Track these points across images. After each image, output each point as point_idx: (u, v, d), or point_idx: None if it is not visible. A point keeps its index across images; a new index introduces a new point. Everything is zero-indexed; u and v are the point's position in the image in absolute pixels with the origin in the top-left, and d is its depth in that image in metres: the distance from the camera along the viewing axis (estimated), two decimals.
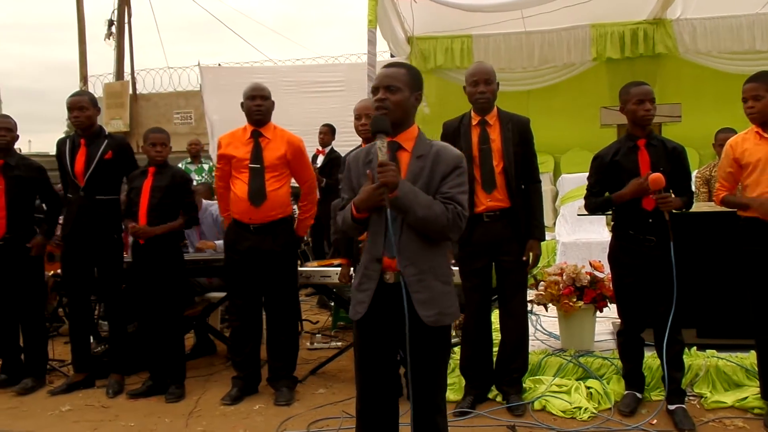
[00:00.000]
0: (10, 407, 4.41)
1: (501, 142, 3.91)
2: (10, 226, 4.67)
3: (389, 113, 2.55)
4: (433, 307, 2.52)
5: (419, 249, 2.53)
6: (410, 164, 2.57)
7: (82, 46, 13.89)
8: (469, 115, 4.00)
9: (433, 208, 2.47)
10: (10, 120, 4.80)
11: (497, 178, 3.90)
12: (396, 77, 2.58)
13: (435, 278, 2.55)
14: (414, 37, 8.89)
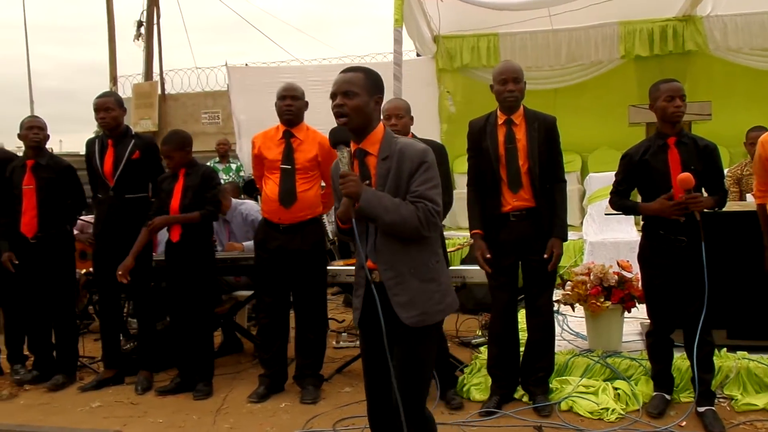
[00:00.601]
0: (42, 403, 4.48)
1: (527, 142, 3.88)
2: (41, 225, 4.74)
3: (349, 119, 2.52)
4: (414, 308, 2.49)
5: (395, 251, 2.51)
6: (377, 167, 2.54)
7: (111, 47, 14.06)
8: (495, 114, 3.97)
9: (400, 211, 2.43)
10: (41, 120, 4.88)
11: (523, 178, 3.88)
12: (353, 82, 2.54)
13: (415, 278, 2.52)
14: (440, 35, 8.87)
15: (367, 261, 2.56)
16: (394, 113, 4.13)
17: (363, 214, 2.43)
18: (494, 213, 3.94)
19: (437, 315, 2.56)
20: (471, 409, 4.01)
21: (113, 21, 14.06)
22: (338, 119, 2.54)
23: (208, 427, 3.92)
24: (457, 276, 4.43)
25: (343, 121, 2.52)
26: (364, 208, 2.41)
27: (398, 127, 4.10)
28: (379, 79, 2.65)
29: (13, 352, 5.05)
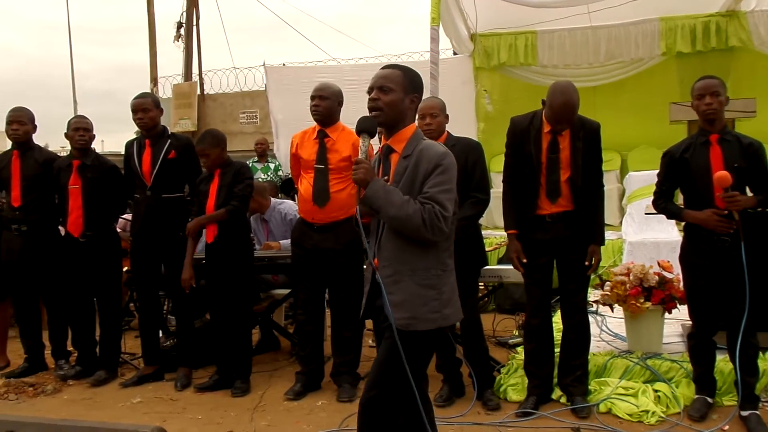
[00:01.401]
0: (85, 398, 4.58)
1: (570, 152, 3.84)
2: (87, 224, 4.84)
3: (382, 114, 2.55)
4: (405, 310, 2.47)
5: (398, 250, 2.51)
6: (397, 165, 2.56)
7: (152, 49, 14.25)
8: (541, 119, 3.90)
9: (405, 208, 2.43)
10: (87, 121, 4.97)
11: (562, 187, 3.85)
12: (390, 78, 2.57)
13: (412, 280, 2.50)
14: (477, 34, 8.82)
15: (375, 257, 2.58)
16: (428, 112, 4.11)
17: (367, 203, 2.46)
18: (530, 215, 3.92)
19: (428, 323, 2.50)
20: (508, 410, 3.99)
21: (154, 23, 14.25)
22: (371, 113, 2.57)
23: (246, 424, 3.96)
24: (493, 275, 4.41)
25: (375, 114, 2.56)
26: (370, 197, 2.44)
27: (433, 126, 4.08)
28: (418, 79, 2.66)
29: (57, 348, 5.16)
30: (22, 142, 5.03)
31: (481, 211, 4.15)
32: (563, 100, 3.74)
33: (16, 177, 4.98)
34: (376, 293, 2.60)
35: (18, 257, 4.98)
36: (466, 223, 4.04)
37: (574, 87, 3.83)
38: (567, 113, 3.76)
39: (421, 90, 2.67)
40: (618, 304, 4.32)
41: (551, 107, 3.78)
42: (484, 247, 4.34)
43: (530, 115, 3.98)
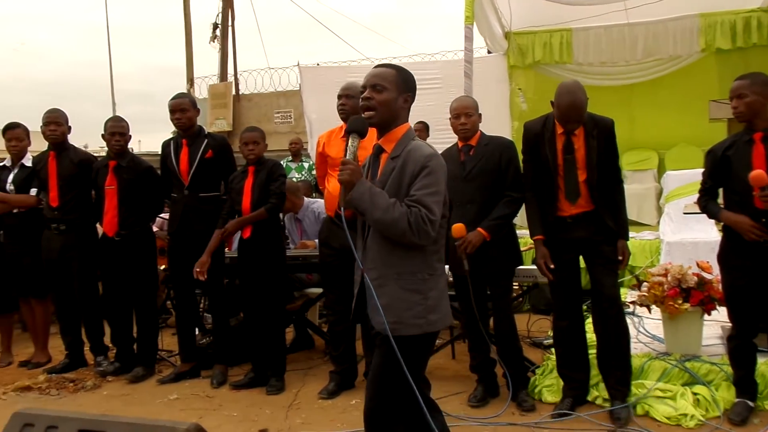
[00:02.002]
0: (123, 394, 4.65)
1: (585, 152, 3.81)
2: (121, 224, 4.92)
3: (375, 113, 2.52)
4: (390, 314, 2.41)
5: (384, 253, 2.47)
6: (385, 165, 2.53)
7: (188, 50, 14.43)
8: (553, 122, 3.87)
9: (391, 211, 2.39)
10: (123, 124, 5.04)
11: (581, 187, 3.82)
12: (383, 77, 2.54)
13: (397, 284, 2.46)
14: (511, 32, 8.75)
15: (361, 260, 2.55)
16: (463, 111, 4.10)
17: (352, 204, 2.42)
18: (552, 217, 3.90)
19: (413, 328, 2.46)
20: (543, 411, 3.96)
21: (190, 24, 14.43)
22: (364, 112, 2.54)
23: (281, 421, 3.99)
24: (528, 275, 4.38)
25: (369, 114, 2.53)
26: (355, 199, 2.41)
27: (468, 125, 4.07)
28: (411, 78, 2.62)
29: (95, 344, 5.25)
30: (59, 142, 5.14)
31: (515, 209, 4.12)
32: (570, 100, 3.71)
33: (53, 177, 5.08)
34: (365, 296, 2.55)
35: (58, 256, 5.08)
36: (500, 222, 4.02)
37: (581, 86, 3.81)
38: (575, 112, 3.73)
39: (414, 89, 2.62)
40: (655, 305, 4.26)
41: (559, 107, 3.76)
42: (519, 246, 4.31)
43: (542, 118, 3.95)
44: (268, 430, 3.87)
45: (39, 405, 4.34)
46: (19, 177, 5.30)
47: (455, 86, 6.92)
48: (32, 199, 5.24)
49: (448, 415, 3.86)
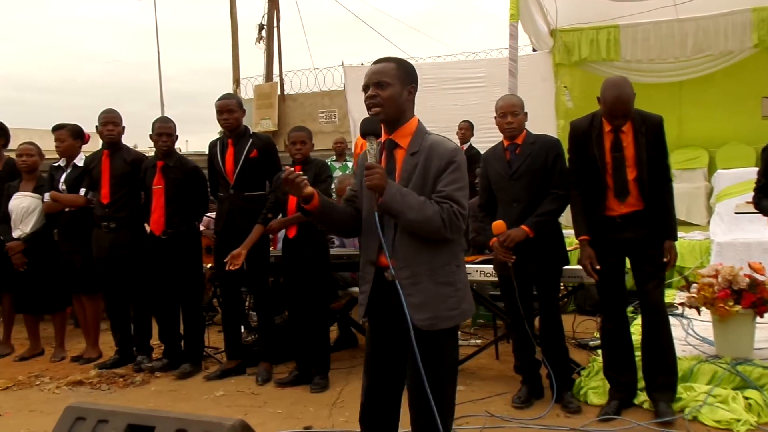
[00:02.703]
0: (171, 390, 4.74)
1: (634, 149, 3.73)
2: (169, 222, 5.01)
3: (382, 110, 2.48)
4: (427, 311, 2.43)
5: (414, 250, 2.45)
6: (404, 162, 2.49)
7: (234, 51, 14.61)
8: (601, 119, 3.80)
9: (424, 210, 2.38)
10: (170, 125, 5.13)
11: (630, 186, 3.74)
12: (385, 72, 2.49)
13: (431, 280, 2.46)
14: (557, 29, 8.66)
15: (381, 257, 2.50)
16: (509, 110, 4.06)
17: (385, 208, 2.38)
18: (600, 216, 3.83)
19: (449, 320, 2.49)
20: (588, 413, 3.90)
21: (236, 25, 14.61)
22: (371, 110, 2.50)
23: (324, 419, 4.01)
24: (574, 276, 4.32)
25: (376, 111, 2.48)
26: (388, 203, 2.36)
27: (515, 124, 4.04)
28: (412, 69, 2.59)
29: (141, 343, 5.36)
30: (115, 142, 5.26)
31: (561, 207, 4.07)
32: (616, 94, 3.64)
33: (106, 176, 5.20)
34: (381, 294, 2.54)
35: (108, 253, 5.20)
36: (544, 219, 3.98)
37: (627, 80, 3.73)
38: (621, 106, 3.65)
39: (416, 80, 2.58)
40: (705, 306, 4.16)
41: (605, 102, 3.69)
42: (565, 246, 4.26)
43: (590, 116, 3.88)
44: (312, 427, 3.89)
45: (90, 399, 4.44)
46: (71, 177, 5.44)
47: (500, 85, 6.88)
48: (81, 199, 5.37)
49: (492, 416, 3.86)
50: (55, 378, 5.05)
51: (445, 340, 2.50)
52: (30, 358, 5.71)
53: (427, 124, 4.50)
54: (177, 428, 2.33)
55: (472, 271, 4.57)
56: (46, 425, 3.72)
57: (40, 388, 4.83)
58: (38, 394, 4.71)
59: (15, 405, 4.48)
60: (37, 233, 5.54)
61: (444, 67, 10.34)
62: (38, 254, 5.53)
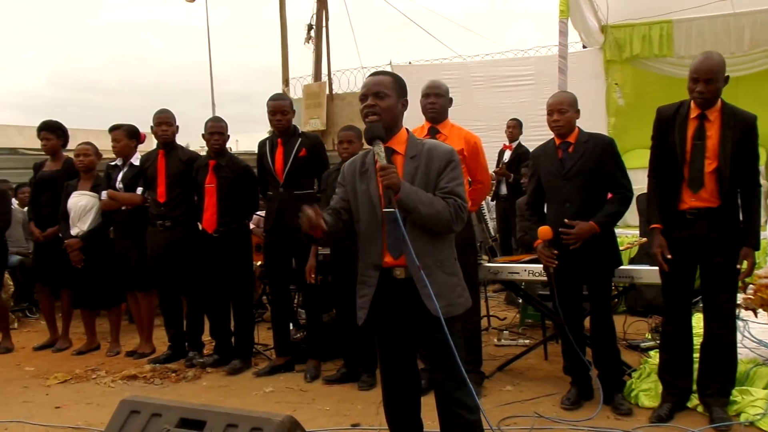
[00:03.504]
0: (221, 385, 4.82)
1: (718, 140, 3.57)
2: (221, 221, 5.10)
3: (380, 118, 2.65)
4: (443, 299, 2.59)
5: (424, 245, 2.61)
6: (405, 166, 2.66)
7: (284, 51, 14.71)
8: (688, 105, 3.68)
9: (435, 204, 2.57)
10: (222, 124, 5.21)
11: (706, 178, 3.58)
12: (384, 84, 2.69)
13: (441, 271, 2.65)
14: (608, 25, 8.53)
15: (386, 258, 2.67)
16: (556, 108, 4.01)
17: (402, 205, 2.54)
18: (670, 209, 3.70)
19: (460, 307, 2.70)
20: (640, 416, 3.83)
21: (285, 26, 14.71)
22: (368, 118, 2.68)
23: (372, 417, 4.02)
24: (625, 276, 4.25)
25: (374, 119, 2.66)
26: (404, 200, 2.53)
27: (561, 122, 3.99)
28: (405, 83, 2.79)
29: (193, 339, 5.46)
30: (170, 142, 5.37)
31: (627, 207, 4.00)
32: (704, 56, 3.61)
33: (162, 175, 5.32)
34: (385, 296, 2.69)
35: (163, 251, 5.31)
36: (608, 220, 3.92)
37: (720, 54, 3.64)
38: (705, 66, 3.53)
39: (406, 94, 2.77)
40: (762, 308, 4.05)
41: (692, 66, 3.59)
42: (618, 246, 4.19)
43: (678, 103, 3.75)
44: (360, 424, 3.91)
45: (144, 393, 4.54)
46: (128, 176, 5.58)
47: (549, 82, 6.81)
48: (138, 197, 5.50)
49: (540, 417, 3.82)
50: (111, 372, 5.18)
51: (456, 325, 2.70)
52: (87, 352, 5.88)
53: (475, 122, 4.51)
54: (227, 423, 2.38)
55: (520, 270, 4.55)
56: (102, 418, 3.82)
57: (96, 382, 4.97)
58: (95, 388, 4.85)
59: (73, 398, 4.62)
60: (94, 231, 5.69)
61: (493, 65, 10.27)
62: (95, 251, 5.69)
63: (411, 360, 2.82)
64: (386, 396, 2.87)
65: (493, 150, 7.91)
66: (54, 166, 6.04)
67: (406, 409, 2.84)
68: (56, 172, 5.97)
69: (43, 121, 6.07)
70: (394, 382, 2.83)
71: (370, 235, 2.71)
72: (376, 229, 2.68)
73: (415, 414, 2.87)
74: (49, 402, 4.54)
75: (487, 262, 4.75)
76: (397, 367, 2.80)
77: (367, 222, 2.71)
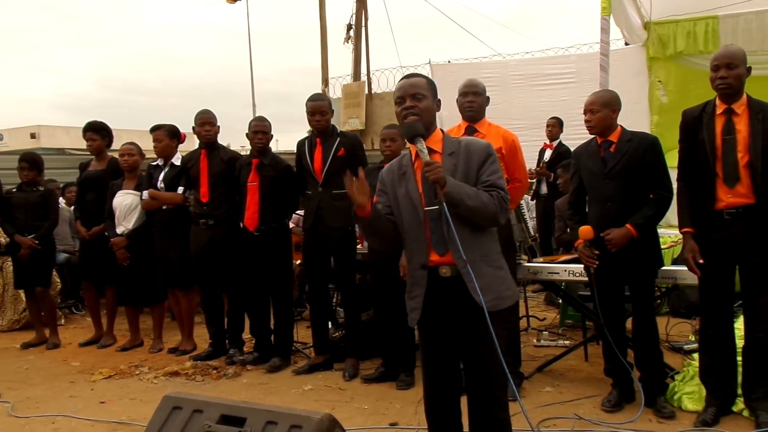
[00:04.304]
0: (261, 383, 4.87)
1: (748, 133, 3.50)
2: (262, 219, 5.14)
3: (420, 119, 2.71)
4: (490, 292, 2.61)
5: (468, 240, 2.62)
6: (444, 163, 2.67)
7: (323, 51, 14.80)
8: (714, 103, 3.64)
9: (480, 197, 2.60)
10: (266, 123, 5.27)
11: (741, 172, 3.50)
12: (420, 86, 2.75)
13: (487, 265, 2.66)
14: (651, 22, 8.36)
15: (431, 256, 2.68)
16: (588, 108, 3.98)
17: (449, 199, 2.55)
18: (706, 210, 3.62)
19: (507, 300, 2.71)
20: (683, 420, 3.77)
21: (325, 26, 14.79)
22: (408, 119, 2.72)
23: (410, 416, 4.03)
24: (668, 277, 4.18)
25: (414, 119, 2.71)
26: (451, 193, 2.55)
27: (592, 122, 3.95)
28: (436, 86, 2.89)
29: (234, 336, 5.53)
30: (212, 141, 5.44)
31: (665, 209, 3.92)
32: (723, 47, 3.64)
33: (204, 174, 5.39)
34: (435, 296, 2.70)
35: (205, 250, 5.39)
36: (650, 221, 3.87)
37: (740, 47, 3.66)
38: (724, 52, 3.55)
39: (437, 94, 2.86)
40: None
41: (711, 58, 3.59)
42: (660, 246, 4.12)
43: (703, 103, 3.71)
44: (398, 424, 3.92)
45: (185, 389, 4.62)
46: (169, 175, 5.67)
47: (590, 80, 6.73)
48: (179, 197, 5.58)
49: (581, 419, 3.78)
50: (153, 368, 5.28)
51: (502, 319, 2.74)
52: (130, 348, 6.00)
53: (514, 121, 4.48)
54: (267, 420, 2.40)
55: (560, 270, 4.51)
56: (145, 413, 3.89)
57: (139, 378, 5.07)
58: (138, 383, 4.94)
59: (117, 393, 4.71)
60: (139, 230, 5.80)
61: (533, 63, 10.17)
62: (139, 250, 5.80)
63: (456, 361, 2.81)
64: (428, 396, 2.85)
65: (533, 149, 7.84)
66: (99, 166, 6.18)
67: (447, 410, 2.83)
68: (101, 172, 6.10)
69: (89, 122, 6.20)
70: (437, 382, 2.82)
71: (414, 236, 2.73)
72: (419, 229, 2.70)
73: (456, 416, 2.85)
74: (95, 397, 4.65)
75: (526, 262, 4.71)
76: (441, 368, 2.80)
77: (410, 222, 2.73)
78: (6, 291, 7.03)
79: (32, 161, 6.26)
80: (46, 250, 6.20)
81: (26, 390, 4.85)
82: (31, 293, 6.37)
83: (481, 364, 2.68)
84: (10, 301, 7.08)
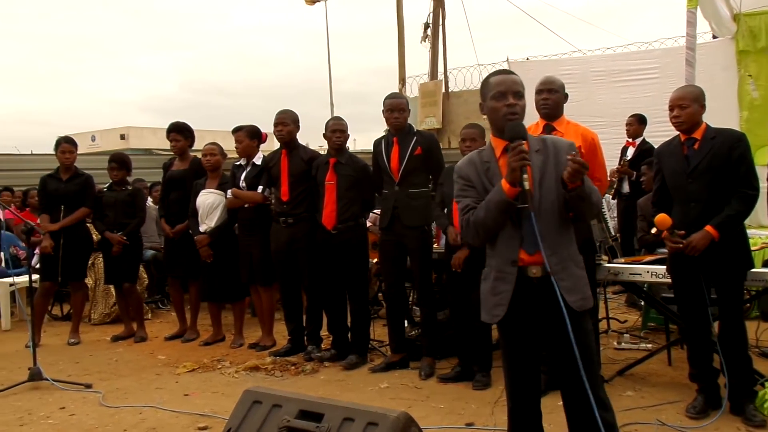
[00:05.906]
0: (338, 380, 4.93)
1: None
2: (339, 218, 5.21)
3: (519, 117, 2.68)
4: (576, 292, 2.61)
5: (558, 238, 2.62)
6: (533, 160, 2.63)
7: (400, 50, 14.84)
8: None
9: (594, 190, 2.61)
10: (343, 122, 5.34)
11: None
12: (519, 83, 2.72)
13: (574, 264, 2.66)
14: (741, 13, 8.03)
15: (521, 254, 2.64)
16: (676, 103, 3.83)
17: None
18: None
19: (590, 300, 2.68)
20: None
21: (402, 25, 14.83)
22: (512, 117, 2.67)
23: (486, 417, 4.00)
24: (758, 279, 4.00)
25: (517, 118, 2.67)
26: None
27: (681, 118, 3.81)
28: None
29: (312, 333, 5.61)
30: (287, 141, 5.55)
31: (749, 208, 3.76)
32: None
33: (285, 174, 5.50)
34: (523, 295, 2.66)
35: (285, 247, 5.49)
36: (733, 220, 3.71)
37: None
38: None
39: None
40: None
41: None
42: (749, 247, 3.95)
43: None
44: (474, 424, 3.90)
45: (265, 384, 4.71)
46: (250, 174, 5.80)
47: (675, 76, 6.52)
48: (259, 196, 5.71)
49: (663, 425, 3.67)
50: (235, 363, 5.42)
51: (589, 318, 2.73)
52: (213, 343, 6.17)
53: (595, 119, 4.40)
54: (344, 417, 2.44)
55: (642, 271, 4.38)
56: (226, 406, 4.00)
57: (221, 372, 5.21)
58: (220, 377, 5.08)
59: (200, 386, 4.86)
60: (221, 227, 5.96)
61: (614, 58, 9.92)
62: (222, 247, 5.97)
63: (537, 362, 2.78)
64: (513, 396, 2.82)
65: (614, 147, 7.64)
66: (182, 166, 6.38)
67: (531, 411, 2.81)
68: (184, 172, 6.30)
69: (172, 123, 6.42)
70: (522, 382, 2.78)
71: (505, 231, 2.68)
72: (511, 225, 2.65)
73: (538, 417, 2.82)
74: (179, 389, 4.81)
75: (606, 263, 4.60)
76: (526, 368, 2.76)
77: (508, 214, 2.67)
78: (97, 286, 7.37)
79: (121, 161, 6.53)
80: (133, 247, 6.46)
81: (116, 381, 5.07)
82: (120, 289, 6.64)
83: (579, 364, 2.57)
84: (101, 295, 7.42)
